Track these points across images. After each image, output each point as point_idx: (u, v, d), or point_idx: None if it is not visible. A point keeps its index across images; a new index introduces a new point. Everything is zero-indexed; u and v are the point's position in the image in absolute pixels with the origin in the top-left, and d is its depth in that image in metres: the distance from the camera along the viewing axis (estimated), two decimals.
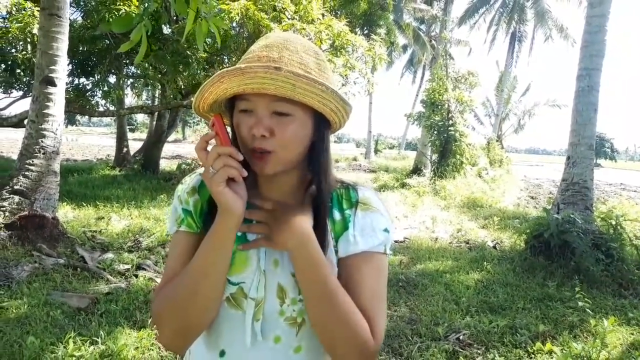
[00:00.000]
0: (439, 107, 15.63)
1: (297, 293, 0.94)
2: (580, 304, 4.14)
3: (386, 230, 0.99)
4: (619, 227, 6.27)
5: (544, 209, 7.36)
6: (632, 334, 4.14)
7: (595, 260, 5.61)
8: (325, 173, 0.98)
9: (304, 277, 0.90)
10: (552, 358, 3.59)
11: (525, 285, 5.42)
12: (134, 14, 2.39)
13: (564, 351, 3.65)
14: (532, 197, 15.79)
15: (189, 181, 1.07)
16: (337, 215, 0.99)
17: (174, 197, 1.09)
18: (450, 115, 15.46)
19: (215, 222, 0.90)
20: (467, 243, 7.73)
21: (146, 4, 2.51)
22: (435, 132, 15.51)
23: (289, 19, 9.78)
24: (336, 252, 0.97)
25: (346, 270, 0.95)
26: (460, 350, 3.71)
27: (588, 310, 4.12)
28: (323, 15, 11.02)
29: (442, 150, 15.40)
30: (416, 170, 18.06)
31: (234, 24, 9.76)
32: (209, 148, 0.88)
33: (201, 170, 1.08)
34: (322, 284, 0.89)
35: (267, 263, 0.97)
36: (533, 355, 3.66)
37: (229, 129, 0.94)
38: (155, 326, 0.96)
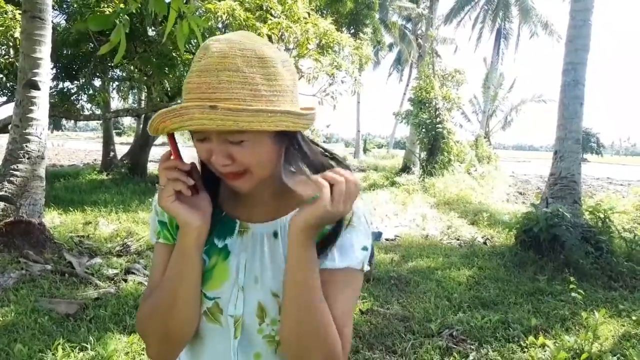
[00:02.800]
0: (427, 105, 15.68)
1: (277, 313, 0.92)
2: (573, 294, 4.16)
3: (365, 248, 0.96)
4: (607, 220, 6.33)
5: (532, 204, 7.41)
6: (623, 326, 4.17)
7: (584, 253, 5.66)
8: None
9: (291, 289, 0.88)
10: (545, 351, 3.60)
11: (516, 279, 5.44)
12: (113, 12, 2.34)
13: (556, 344, 3.66)
14: (520, 193, 15.91)
15: None
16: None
17: (152, 206, 1.07)
18: (437, 112, 15.52)
19: (179, 236, 0.92)
20: (458, 239, 7.76)
21: (126, 4, 2.47)
22: (424, 130, 15.57)
23: (274, 17, 9.74)
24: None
25: (324, 283, 0.92)
26: (454, 346, 3.70)
27: (580, 302, 4.14)
28: (309, 14, 10.98)
29: (431, 147, 15.47)
30: (405, 169, 18.11)
31: (220, 24, 9.69)
32: None
33: None
34: (307, 301, 0.87)
35: (246, 279, 0.95)
36: (526, 349, 3.67)
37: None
38: (140, 335, 0.97)
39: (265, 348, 0.94)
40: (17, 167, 5.47)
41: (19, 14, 7.55)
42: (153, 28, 10.15)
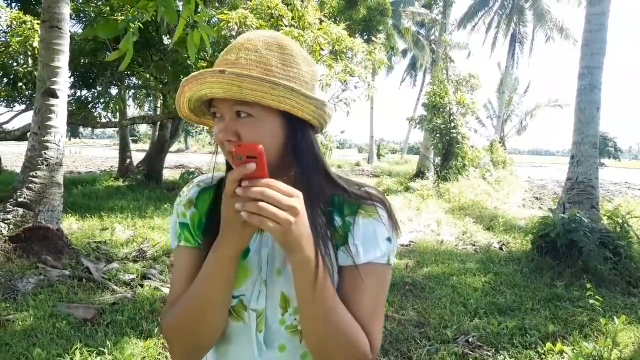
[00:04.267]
0: (441, 110, 15.62)
1: None
2: (591, 301, 4.10)
3: (389, 239, 0.95)
4: (625, 225, 6.23)
5: (549, 209, 7.32)
6: None
7: (603, 259, 5.57)
8: (316, 173, 0.94)
9: (300, 298, 0.87)
10: (563, 358, 3.55)
11: (533, 285, 5.38)
12: (122, 20, 2.38)
13: (574, 351, 3.61)
14: (536, 198, 15.74)
15: (187, 192, 1.05)
16: (337, 220, 0.95)
17: (173, 209, 1.07)
18: (452, 118, 15.45)
19: (220, 242, 0.87)
20: (473, 245, 7.69)
21: (136, 14, 2.51)
22: (438, 135, 15.50)
23: (286, 25, 9.81)
24: (337, 258, 0.93)
25: (346, 280, 0.92)
26: (470, 352, 3.67)
27: (598, 308, 4.08)
28: (321, 21, 11.04)
29: (445, 153, 15.38)
30: (419, 174, 18.04)
31: (233, 33, 9.78)
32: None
33: (198, 180, 1.07)
34: (319, 306, 0.86)
35: (269, 272, 0.95)
36: (544, 356, 3.62)
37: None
38: (167, 345, 0.95)
39: (290, 339, 0.94)
40: (36, 174, 5.57)
41: (38, 24, 7.72)
42: (168, 36, 10.28)
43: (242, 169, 0.78)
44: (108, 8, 9.54)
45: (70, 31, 6.25)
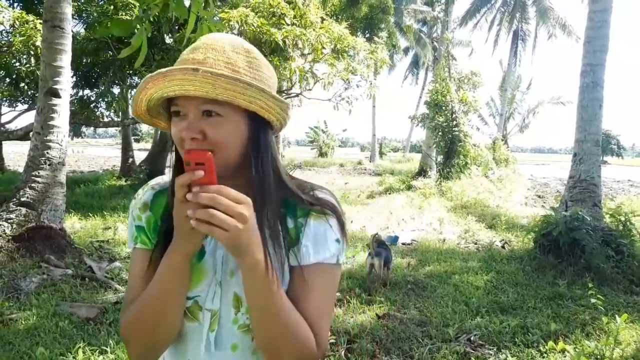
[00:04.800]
0: (443, 108, 15.59)
1: None
2: (592, 300, 4.10)
3: (338, 241, 0.97)
4: (628, 223, 6.21)
5: (551, 207, 7.31)
6: None
7: (605, 257, 5.56)
8: (271, 176, 0.94)
9: (250, 301, 0.89)
10: (565, 357, 3.54)
11: (536, 284, 5.37)
12: (134, 17, 2.39)
13: (576, 350, 3.61)
14: (539, 196, 15.72)
15: (141, 195, 1.06)
16: (290, 222, 0.97)
17: (128, 211, 1.08)
18: (454, 116, 15.42)
19: (173, 247, 0.89)
20: (475, 244, 7.69)
21: (146, 9, 2.51)
22: (440, 134, 15.48)
23: (288, 24, 9.81)
24: (288, 259, 0.95)
25: (297, 279, 0.95)
26: (472, 351, 3.67)
27: (600, 307, 4.07)
28: (323, 19, 11.03)
29: (447, 151, 15.36)
30: (422, 172, 18.01)
31: (235, 32, 9.78)
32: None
33: (153, 183, 1.07)
34: (268, 307, 0.88)
35: (223, 274, 0.96)
36: (545, 355, 3.62)
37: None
38: (124, 342, 0.98)
39: (242, 338, 0.96)
40: (39, 173, 5.58)
41: (40, 23, 7.74)
42: (170, 35, 10.29)
43: (191, 175, 0.79)
44: (112, 7, 9.54)
45: (72, 31, 6.26)
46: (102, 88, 11.28)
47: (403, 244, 7.55)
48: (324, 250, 0.95)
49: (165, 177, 1.07)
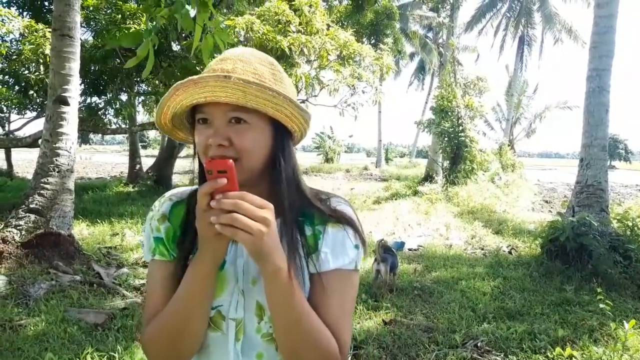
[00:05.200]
0: (449, 113, 15.59)
1: None
2: (601, 305, 4.07)
3: (356, 246, 0.99)
4: (636, 228, 6.18)
5: (558, 213, 7.29)
6: None
7: (613, 262, 5.54)
8: (292, 185, 0.97)
9: (272, 307, 0.90)
10: None
11: (543, 290, 5.35)
12: (142, 30, 2.44)
13: (584, 356, 3.59)
14: (546, 201, 15.65)
15: (159, 207, 1.06)
16: (308, 230, 0.99)
17: (145, 223, 1.08)
18: (460, 121, 15.41)
19: (199, 257, 0.90)
20: (482, 249, 7.67)
21: (154, 22, 2.55)
22: (446, 139, 15.46)
23: (293, 32, 9.86)
24: (307, 266, 0.97)
25: (317, 286, 0.96)
26: (479, 357, 3.66)
27: (608, 312, 4.05)
28: (329, 26, 11.09)
29: (453, 156, 15.33)
30: (428, 178, 17.98)
31: (241, 39, 9.86)
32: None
33: (170, 194, 1.08)
34: (291, 314, 0.89)
35: (245, 282, 0.97)
36: None
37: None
38: (146, 355, 0.98)
39: (266, 347, 0.96)
40: (48, 180, 5.64)
41: (49, 32, 7.83)
42: (177, 43, 10.37)
43: (214, 183, 0.80)
44: (120, 16, 9.64)
45: (80, 39, 6.33)
46: (110, 95, 11.37)
47: (409, 249, 7.54)
48: (342, 256, 0.97)
49: (182, 188, 1.09)
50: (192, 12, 2.38)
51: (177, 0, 2.29)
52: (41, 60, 9.19)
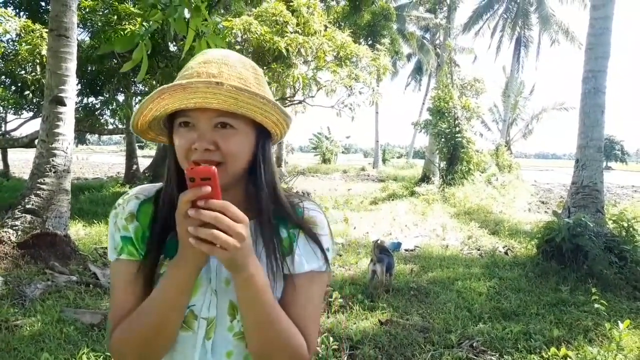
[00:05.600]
0: (446, 114, 15.63)
1: None
2: (596, 306, 4.10)
3: (328, 249, 1.03)
4: (631, 229, 6.21)
5: (554, 213, 7.32)
6: None
7: (608, 263, 5.57)
8: (270, 188, 0.98)
9: (243, 309, 0.92)
10: None
11: (538, 290, 5.37)
12: (136, 33, 2.45)
13: (579, 356, 3.61)
14: (543, 202, 15.69)
15: (125, 206, 1.02)
16: (283, 233, 1.01)
17: (109, 222, 1.04)
18: (457, 122, 15.45)
19: (179, 261, 0.88)
20: (478, 250, 7.69)
21: (147, 25, 2.57)
22: (443, 140, 15.49)
23: (291, 32, 9.88)
24: (282, 268, 0.99)
25: (289, 286, 0.99)
26: (474, 357, 3.68)
27: (603, 312, 4.07)
28: (326, 27, 11.10)
29: (450, 157, 15.37)
30: (425, 179, 18.02)
31: (238, 39, 9.86)
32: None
33: (136, 192, 1.04)
34: (261, 316, 0.91)
35: (218, 282, 0.97)
36: None
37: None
38: (114, 359, 0.98)
39: (236, 344, 0.98)
40: (44, 180, 5.63)
41: (46, 32, 7.82)
42: (174, 44, 10.37)
43: (197, 191, 0.80)
44: (116, 17, 9.64)
45: (77, 39, 6.33)
46: (107, 96, 11.37)
47: (406, 250, 7.56)
48: (316, 259, 1.00)
49: (148, 186, 1.07)
50: (188, 15, 2.39)
51: (171, 5, 2.30)
52: (38, 61, 9.19)
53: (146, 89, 12.42)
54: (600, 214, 6.82)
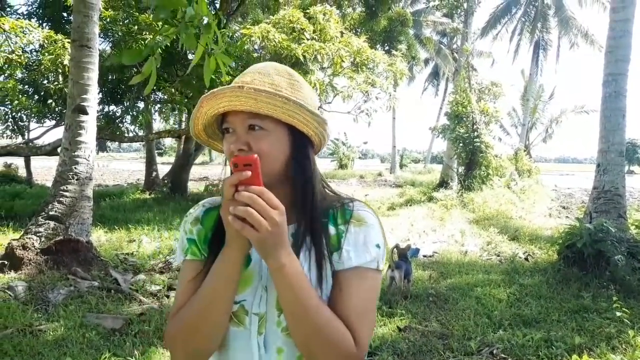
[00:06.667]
0: (464, 119, 15.52)
1: None
2: (618, 313, 4.03)
3: (378, 246, 1.03)
4: None
5: (576, 219, 7.21)
6: None
7: (631, 269, 5.47)
8: (312, 189, 1.02)
9: (281, 301, 0.96)
10: None
11: (560, 297, 5.29)
12: (147, 46, 2.52)
13: None
14: (563, 207, 15.46)
15: (193, 212, 1.14)
16: (331, 230, 1.04)
17: (180, 228, 1.16)
18: (475, 126, 15.33)
19: (226, 249, 0.96)
20: (498, 256, 7.61)
21: (159, 39, 2.63)
22: (461, 145, 15.37)
23: (308, 39, 9.94)
24: (331, 264, 1.01)
25: (338, 283, 1.00)
26: None
27: (626, 320, 4.00)
28: (342, 33, 11.15)
29: (469, 162, 15.24)
30: (443, 184, 17.87)
31: (256, 47, 9.96)
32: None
33: (204, 201, 1.16)
34: (297, 308, 0.93)
35: (268, 278, 1.00)
36: None
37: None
38: (168, 350, 1.04)
39: (286, 341, 1.00)
40: (67, 188, 5.75)
41: (68, 42, 8.00)
42: (193, 52, 10.51)
43: (239, 175, 0.87)
44: (136, 27, 9.82)
45: (99, 49, 6.45)
46: (127, 104, 11.55)
47: (424, 256, 7.52)
48: (364, 254, 1.01)
49: (217, 197, 1.16)
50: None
51: (182, 21, 2.37)
52: (60, 70, 9.38)
53: (165, 97, 12.60)
54: (623, 219, 6.71)
